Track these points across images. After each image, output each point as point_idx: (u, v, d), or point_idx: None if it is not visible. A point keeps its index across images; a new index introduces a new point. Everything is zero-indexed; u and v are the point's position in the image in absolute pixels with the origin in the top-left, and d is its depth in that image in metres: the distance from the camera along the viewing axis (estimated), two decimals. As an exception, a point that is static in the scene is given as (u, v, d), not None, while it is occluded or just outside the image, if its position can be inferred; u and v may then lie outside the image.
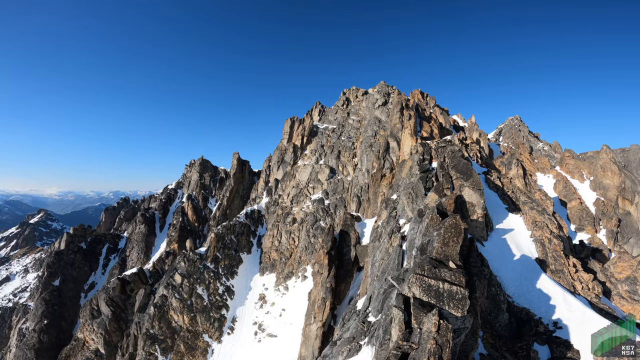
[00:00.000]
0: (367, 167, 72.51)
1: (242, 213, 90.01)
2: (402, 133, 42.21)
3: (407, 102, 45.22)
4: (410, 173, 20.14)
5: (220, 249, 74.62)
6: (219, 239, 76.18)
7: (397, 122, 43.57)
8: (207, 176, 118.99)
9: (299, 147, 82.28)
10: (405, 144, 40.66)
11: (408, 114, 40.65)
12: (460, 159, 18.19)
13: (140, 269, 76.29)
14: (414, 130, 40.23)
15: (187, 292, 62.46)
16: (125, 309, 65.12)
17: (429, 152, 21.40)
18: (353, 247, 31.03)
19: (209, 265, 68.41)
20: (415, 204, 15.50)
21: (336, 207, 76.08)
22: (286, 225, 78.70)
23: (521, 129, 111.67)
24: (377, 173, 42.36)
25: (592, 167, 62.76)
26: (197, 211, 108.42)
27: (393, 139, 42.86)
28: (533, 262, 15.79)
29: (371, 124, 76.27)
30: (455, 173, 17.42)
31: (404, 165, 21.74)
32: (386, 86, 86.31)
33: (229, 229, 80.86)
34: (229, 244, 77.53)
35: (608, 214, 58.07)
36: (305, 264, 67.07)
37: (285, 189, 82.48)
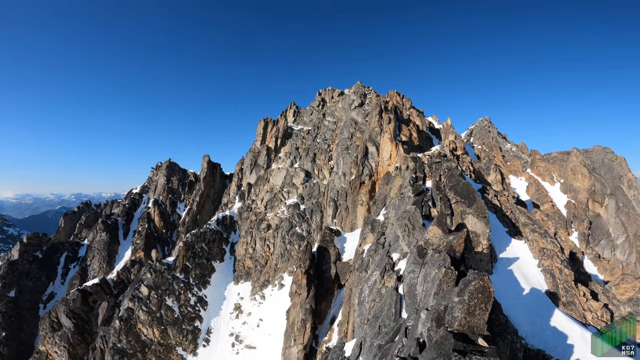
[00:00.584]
0: (344, 170, 70.32)
1: (213, 219, 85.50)
2: (381, 137, 40.12)
3: (385, 105, 43.22)
4: (401, 194, 17.82)
5: (190, 258, 69.97)
6: (188, 248, 71.68)
7: (376, 125, 41.45)
8: (175, 180, 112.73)
9: (273, 149, 78.79)
10: (385, 149, 38.55)
11: (387, 117, 38.60)
12: (459, 178, 15.93)
13: (103, 279, 70.47)
14: (394, 135, 38.22)
15: (155, 304, 58.10)
16: (88, 320, 60.02)
17: (421, 168, 19.01)
18: (333, 264, 28.54)
19: (178, 275, 63.78)
20: (412, 237, 13.16)
21: (312, 213, 73.49)
22: (260, 232, 75.41)
23: (490, 130, 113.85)
24: (356, 180, 40.03)
25: (562, 169, 64.11)
26: (165, 217, 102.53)
27: (372, 144, 40.69)
28: (544, 296, 13.98)
29: (347, 125, 74.19)
30: (455, 196, 15.32)
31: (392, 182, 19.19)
32: (362, 87, 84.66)
33: (198, 237, 76.51)
34: (199, 253, 73.10)
35: (579, 217, 59.23)
36: (281, 272, 64.55)
37: (259, 193, 78.73)
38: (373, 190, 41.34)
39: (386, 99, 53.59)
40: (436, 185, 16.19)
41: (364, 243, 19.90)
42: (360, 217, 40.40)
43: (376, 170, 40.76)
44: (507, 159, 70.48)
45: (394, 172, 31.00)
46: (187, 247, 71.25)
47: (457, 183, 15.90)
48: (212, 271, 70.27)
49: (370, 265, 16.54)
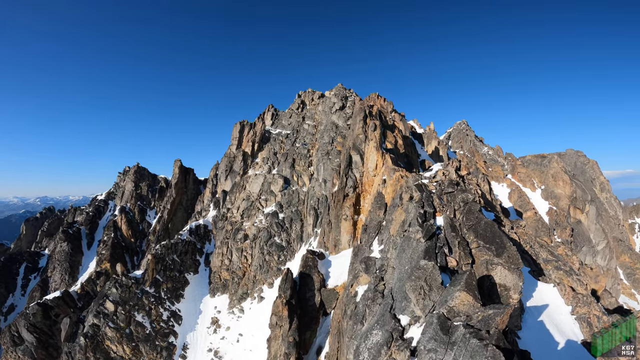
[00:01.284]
0: (325, 176, 67.16)
1: (186, 229, 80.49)
2: (366, 145, 37.16)
3: (370, 110, 40.37)
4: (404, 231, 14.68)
5: (160, 271, 64.77)
6: (157, 261, 66.91)
7: (360, 132, 38.47)
8: (144, 186, 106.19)
9: (250, 154, 74.47)
10: (370, 158, 35.60)
11: (373, 123, 35.68)
12: (480, 215, 12.95)
13: (66, 292, 65.09)
14: (380, 143, 35.36)
15: (123, 320, 54.23)
16: (52, 335, 55.97)
17: (429, 200, 15.49)
18: (317, 291, 25.28)
19: (147, 289, 59.54)
20: (428, 299, 10.11)
21: (292, 221, 70.00)
22: (237, 242, 71.26)
23: (468, 134, 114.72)
24: (339, 193, 36.84)
25: (542, 175, 64.00)
26: (133, 225, 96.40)
27: (356, 152, 37.65)
28: (581, 348, 11.52)
29: (328, 129, 71.14)
30: (476, 239, 12.30)
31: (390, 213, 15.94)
32: (343, 89, 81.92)
33: (169, 249, 71.72)
34: (170, 265, 68.22)
35: (562, 224, 58.97)
36: (260, 284, 61.59)
37: (235, 201, 74.17)
38: (357, 203, 38.29)
39: (370, 103, 50.85)
40: (450, 224, 13.15)
41: (357, 283, 16.70)
42: (345, 233, 37.23)
43: (361, 182, 37.76)
44: (488, 164, 69.77)
45: (385, 190, 28.02)
46: (157, 260, 66.55)
47: (478, 222, 12.90)
48: (185, 284, 66.34)
49: (367, 317, 13.45)
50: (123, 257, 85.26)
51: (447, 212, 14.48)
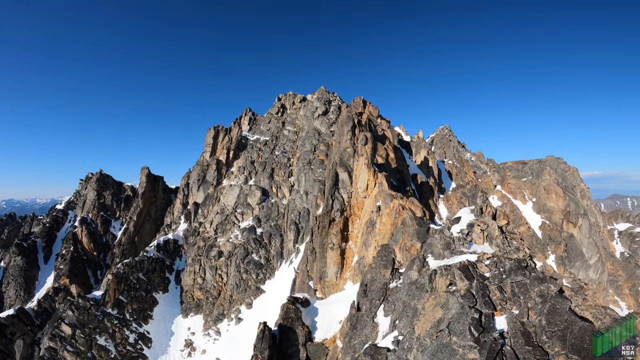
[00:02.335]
0: (306, 188, 61.80)
1: (152, 245, 73.52)
2: (354, 161, 32.03)
3: (359, 119, 35.31)
4: (439, 331, 9.22)
5: (123, 291, 58.70)
6: (120, 281, 60.41)
7: (348, 145, 33.32)
8: (107, 194, 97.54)
9: (224, 163, 67.95)
10: (360, 177, 30.48)
11: (363, 136, 30.60)
12: (571, 317, 7.77)
13: (21, 309, 60.35)
14: (371, 159, 30.29)
15: (83, 343, 49.30)
16: (9, 353, 50.80)
17: (483, 292, 9.83)
18: (302, 346, 20.03)
19: (110, 311, 55.01)
20: None
21: (271, 237, 64.56)
22: (210, 260, 65.24)
23: (451, 139, 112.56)
24: (324, 218, 31.52)
25: (534, 188, 61.28)
26: (95, 237, 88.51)
27: (343, 169, 32.45)
28: None
29: (310, 136, 65.80)
30: (565, 352, 7.44)
31: (424, 317, 10.94)
32: (327, 92, 76.82)
33: (133, 267, 65.39)
34: (135, 285, 61.61)
35: (556, 240, 56.15)
36: (238, 304, 57.76)
37: (208, 215, 67.52)
38: (345, 228, 33.07)
39: (358, 110, 45.87)
40: (522, 331, 8.04)
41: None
42: (332, 263, 31.93)
43: (349, 204, 32.57)
44: (478, 175, 66.49)
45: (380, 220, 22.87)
46: (119, 280, 60.51)
47: (568, 327, 7.90)
48: (154, 304, 61.35)
49: None
50: (84, 272, 77.55)
51: (514, 310, 9.39)
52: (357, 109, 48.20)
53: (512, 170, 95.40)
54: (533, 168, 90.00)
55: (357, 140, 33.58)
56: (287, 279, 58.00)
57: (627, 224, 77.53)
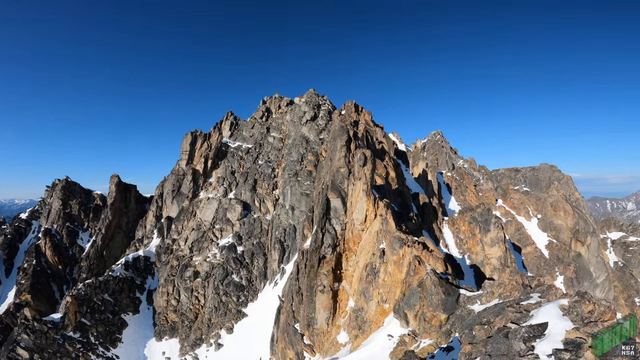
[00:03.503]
0: (292, 202, 55.61)
1: (120, 263, 66.86)
2: (350, 185, 26.00)
3: (355, 131, 29.35)
4: None
5: (86, 313, 53.84)
6: (81, 303, 55.02)
7: (342, 164, 27.31)
8: (74, 204, 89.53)
9: (201, 173, 61.01)
10: (358, 206, 24.49)
11: (362, 154, 24.62)
12: None
13: None
14: (371, 183, 24.28)
15: None
16: None
17: None
18: None
19: (71, 335, 50.70)
20: None
21: (253, 256, 58.40)
22: (185, 281, 58.85)
23: (444, 145, 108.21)
24: (312, 255, 25.45)
25: (539, 203, 56.59)
26: (60, 250, 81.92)
27: (336, 194, 26.42)
28: None
29: (297, 144, 59.58)
30: None
31: None
32: (316, 95, 70.70)
33: (97, 288, 58.96)
34: (99, 307, 55.93)
35: (565, 260, 51.53)
36: (217, 328, 53.20)
37: (182, 231, 60.52)
38: (338, 266, 27.04)
39: (353, 119, 39.86)
40: None
41: None
42: (322, 308, 25.88)
43: (342, 237, 26.54)
44: (478, 188, 61.52)
45: (385, 268, 17.17)
46: (80, 302, 53.65)
47: None
48: (123, 326, 56.93)
49: None
50: (49, 287, 70.91)
51: None
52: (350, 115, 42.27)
53: (504, 178, 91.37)
54: (526, 176, 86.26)
55: (353, 158, 27.55)
56: (272, 302, 53.20)
57: (620, 233, 75.21)
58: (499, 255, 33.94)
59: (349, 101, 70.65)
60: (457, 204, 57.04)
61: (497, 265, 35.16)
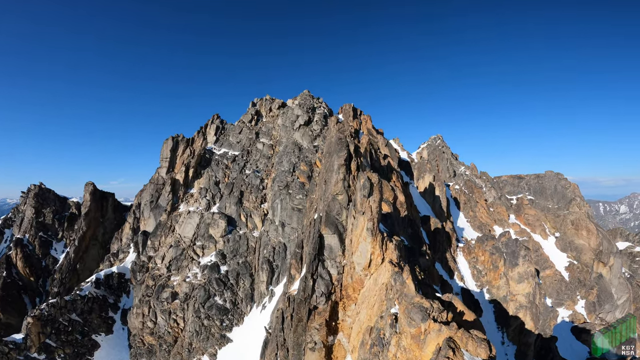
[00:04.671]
0: (283, 218, 49.49)
1: (91, 280, 61.25)
2: (350, 217, 19.94)
3: (356, 144, 23.32)
4: None
5: (51, 334, 49.40)
6: (45, 324, 48.96)
7: (340, 189, 21.28)
8: (48, 212, 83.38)
9: (182, 183, 54.64)
10: (359, 247, 18.53)
11: (366, 179, 18.60)
12: None
13: None
14: (377, 218, 18.20)
15: None
16: None
17: None
18: None
19: (35, 356, 46.95)
20: None
21: (239, 276, 52.47)
22: (162, 302, 52.82)
23: (444, 151, 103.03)
24: (301, 307, 19.50)
25: (558, 221, 50.94)
26: (33, 261, 77.37)
27: (331, 229, 20.38)
28: None
29: (288, 152, 53.51)
30: None
31: None
32: (310, 97, 64.65)
33: (62, 308, 54.94)
34: (66, 328, 51.12)
35: (587, 284, 45.86)
36: (199, 354, 48.22)
37: (159, 248, 54.12)
38: (333, 317, 21.03)
39: (352, 127, 33.77)
40: None
41: None
42: (310, 376, 19.59)
43: (339, 283, 20.47)
44: (489, 203, 55.72)
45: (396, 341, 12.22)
46: (43, 323, 48.86)
47: None
48: (94, 347, 52.68)
49: None
50: (20, 299, 67.09)
51: None
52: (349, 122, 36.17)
53: (507, 186, 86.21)
54: (530, 184, 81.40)
55: (354, 181, 21.44)
56: (260, 326, 47.80)
57: (627, 243, 71.67)
58: (528, 292, 28.26)
59: (347, 104, 64.60)
60: (466, 220, 51.36)
61: (524, 303, 29.51)
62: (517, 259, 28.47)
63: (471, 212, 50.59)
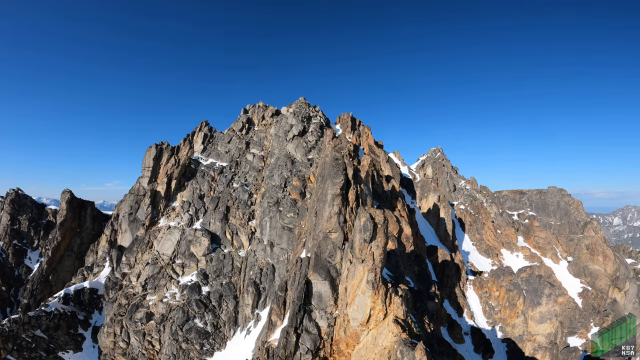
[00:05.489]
0: (272, 238, 45.19)
1: (59, 295, 57.87)
2: (345, 260, 15.67)
3: (355, 166, 19.23)
4: None
5: (12, 350, 46.59)
6: (6, 340, 46.11)
7: (334, 226, 17.19)
8: (24, 219, 79.06)
9: (163, 195, 50.15)
10: (357, 301, 14.40)
11: (368, 219, 14.49)
12: None
13: None
14: (381, 264, 14.00)
15: None
16: None
17: None
18: None
19: None
20: None
21: (222, 298, 48.19)
22: (135, 323, 48.40)
23: (445, 164, 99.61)
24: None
25: (571, 244, 47.05)
26: (6, 270, 75.67)
27: (322, 275, 16.25)
28: None
29: (280, 165, 49.38)
30: None
31: None
32: (306, 105, 60.76)
33: (25, 324, 48.55)
34: (29, 344, 47.88)
35: (601, 311, 41.81)
36: None
37: (135, 265, 49.40)
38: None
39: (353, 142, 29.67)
40: None
41: None
42: None
43: (330, 337, 16.22)
44: (496, 224, 51.77)
45: None
46: (5, 339, 46.09)
47: None
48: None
49: None
50: None
51: None
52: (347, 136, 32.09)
53: (508, 201, 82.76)
54: (532, 199, 78.13)
55: (351, 215, 17.22)
56: (244, 351, 44.30)
57: (630, 260, 69.11)
58: (549, 332, 24.23)
59: (345, 113, 60.88)
60: (472, 243, 47.38)
61: (543, 343, 25.54)
62: (540, 298, 24.66)
63: (477, 235, 46.68)
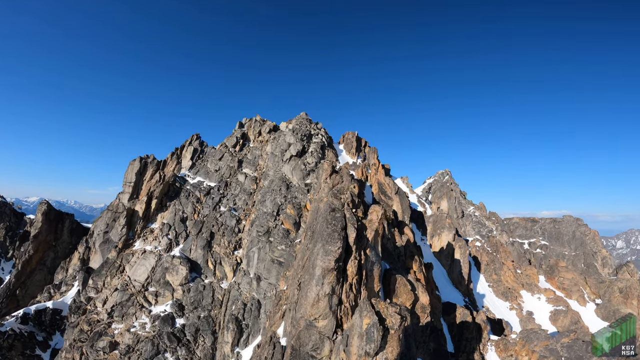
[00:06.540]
0: (259, 271, 39.50)
1: (17, 315, 52.54)
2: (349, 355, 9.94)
3: (361, 225, 13.81)
4: None
5: None
6: None
7: (323, 312, 11.83)
8: (0, 227, 74.40)
9: (141, 216, 44.77)
10: None
11: (374, 324, 9.10)
12: None
13: None
14: None
15: None
16: None
17: None
18: None
19: None
20: None
21: (198, 333, 42.35)
22: (97, 351, 42.70)
23: (453, 189, 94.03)
24: None
25: (601, 286, 41.19)
26: None
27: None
28: None
29: (274, 188, 44.13)
30: None
31: None
32: (308, 122, 55.96)
33: None
34: None
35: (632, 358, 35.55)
36: None
37: (102, 289, 43.62)
38: None
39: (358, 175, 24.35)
40: None
41: None
42: None
43: None
44: (516, 264, 45.89)
45: None
46: None
47: None
48: None
49: None
50: None
51: None
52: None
53: (518, 229, 76.96)
54: (545, 228, 72.46)
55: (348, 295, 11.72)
56: None
57: None
58: None
59: (350, 132, 56.04)
60: (488, 284, 41.53)
61: None
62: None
63: (494, 276, 40.95)
